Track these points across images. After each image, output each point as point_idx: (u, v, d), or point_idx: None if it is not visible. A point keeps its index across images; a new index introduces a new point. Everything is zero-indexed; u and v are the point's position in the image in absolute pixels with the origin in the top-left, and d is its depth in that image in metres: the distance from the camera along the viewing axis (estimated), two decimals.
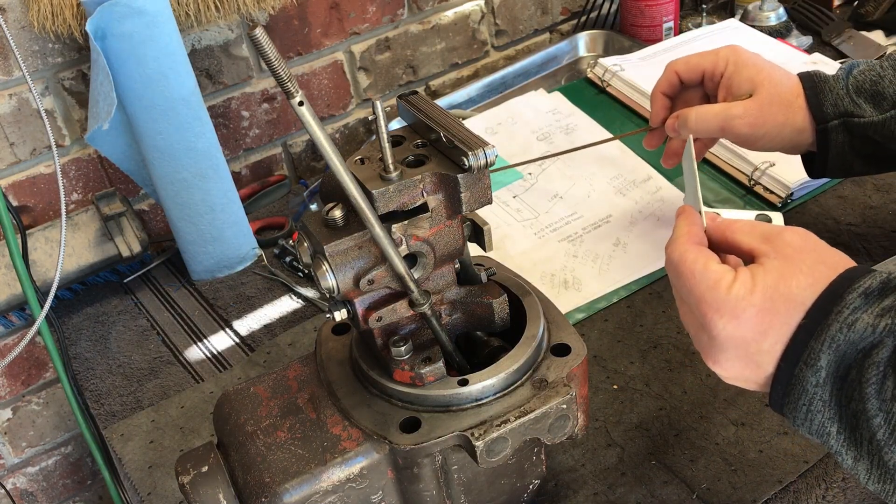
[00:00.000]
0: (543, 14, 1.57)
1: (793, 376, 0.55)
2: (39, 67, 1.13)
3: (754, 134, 0.89)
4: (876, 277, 0.55)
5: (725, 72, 0.92)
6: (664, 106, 0.99)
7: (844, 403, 0.54)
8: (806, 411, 0.56)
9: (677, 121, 0.93)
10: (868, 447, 0.53)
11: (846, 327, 0.53)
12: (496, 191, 1.18)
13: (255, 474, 0.64)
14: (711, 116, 0.90)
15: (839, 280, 0.55)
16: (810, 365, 0.54)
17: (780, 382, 0.57)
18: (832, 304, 0.54)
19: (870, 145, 0.87)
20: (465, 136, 0.63)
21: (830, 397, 0.54)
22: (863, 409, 0.53)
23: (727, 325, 0.57)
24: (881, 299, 0.54)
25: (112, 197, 1.14)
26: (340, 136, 1.44)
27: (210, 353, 1.06)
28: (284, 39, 1.30)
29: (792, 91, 0.89)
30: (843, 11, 1.50)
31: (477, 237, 0.70)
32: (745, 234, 0.61)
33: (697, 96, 0.97)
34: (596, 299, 1.01)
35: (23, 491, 1.37)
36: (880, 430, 0.52)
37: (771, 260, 0.57)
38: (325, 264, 0.62)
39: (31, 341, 1.25)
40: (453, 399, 0.65)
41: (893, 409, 0.51)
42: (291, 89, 0.55)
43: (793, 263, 0.56)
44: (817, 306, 0.55)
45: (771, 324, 0.56)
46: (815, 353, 0.54)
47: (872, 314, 0.53)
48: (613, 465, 0.83)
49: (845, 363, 0.53)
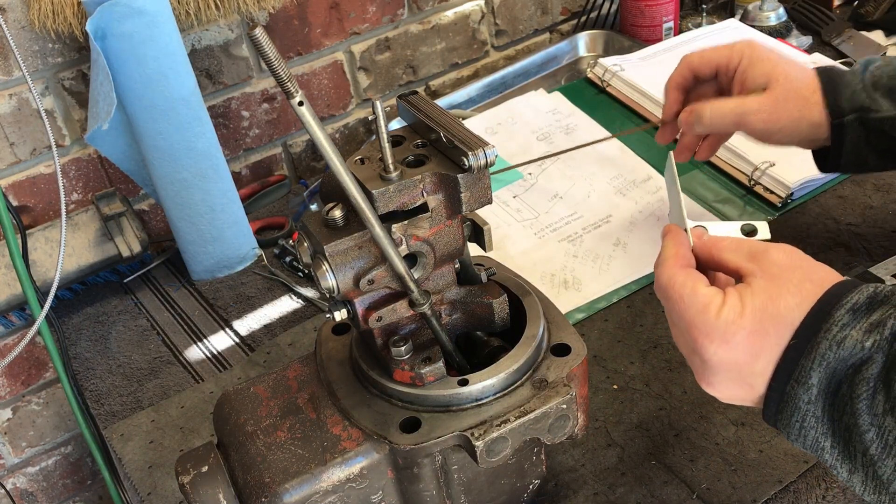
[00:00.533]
0: (543, 14, 1.57)
1: (784, 394, 0.56)
2: (39, 67, 1.13)
3: (769, 129, 0.88)
4: (863, 292, 0.54)
5: (740, 66, 0.90)
6: (677, 100, 0.97)
7: (837, 418, 0.54)
8: (799, 427, 0.56)
9: (691, 115, 0.92)
10: (862, 460, 0.53)
11: (835, 345, 0.53)
12: (496, 191, 1.18)
13: (255, 474, 0.64)
14: (727, 111, 0.89)
15: (826, 297, 0.55)
16: (801, 383, 0.54)
17: (772, 400, 0.57)
18: (821, 321, 0.54)
19: (885, 140, 0.87)
20: (465, 136, 0.63)
21: (823, 413, 0.55)
22: (855, 423, 0.53)
23: (718, 349, 0.57)
24: (869, 314, 0.53)
25: (112, 197, 1.14)
26: (340, 136, 1.43)
27: (210, 353, 1.06)
28: (284, 39, 1.30)
29: (808, 86, 0.88)
30: (843, 11, 1.50)
31: (477, 237, 0.70)
32: (731, 253, 0.61)
33: (711, 90, 0.96)
34: (596, 299, 1.01)
35: (23, 491, 1.37)
36: (873, 444, 0.52)
37: (758, 280, 0.57)
38: (325, 264, 0.62)
39: (31, 341, 1.25)
40: (453, 399, 0.65)
41: (885, 423, 0.51)
42: (291, 89, 0.55)
43: (780, 283, 0.56)
44: (806, 325, 0.55)
45: (762, 346, 0.56)
46: (806, 372, 0.54)
47: (861, 330, 0.53)
48: (613, 465, 0.83)
49: (836, 379, 0.54)
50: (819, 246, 1.04)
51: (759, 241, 0.61)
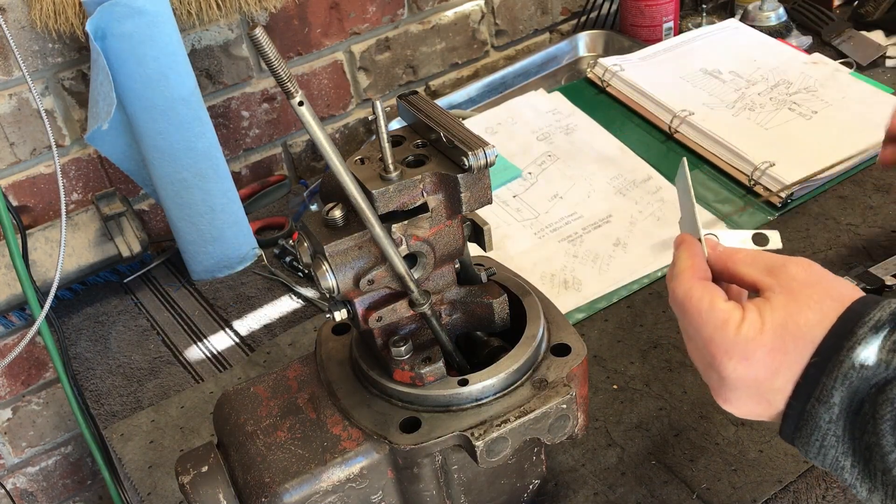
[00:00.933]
0: (543, 14, 1.57)
1: (805, 412, 0.54)
2: (39, 67, 1.13)
3: None
4: (885, 309, 0.53)
5: None
6: None
7: (858, 436, 0.53)
8: (819, 446, 0.55)
9: None
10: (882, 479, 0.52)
11: (859, 364, 0.52)
12: (496, 190, 1.18)
13: (255, 474, 0.64)
14: None
15: (848, 313, 0.54)
16: (823, 402, 0.53)
17: (791, 418, 0.56)
18: (843, 339, 0.53)
19: None
20: (465, 136, 0.63)
21: (844, 432, 0.53)
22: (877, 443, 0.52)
23: (737, 366, 0.56)
24: (892, 331, 0.52)
25: (112, 197, 1.14)
26: (340, 136, 1.43)
27: (210, 353, 1.06)
28: (284, 39, 1.30)
29: None
30: (843, 11, 1.50)
31: (477, 237, 0.70)
32: (748, 266, 0.60)
33: None
34: (596, 299, 1.01)
35: (23, 491, 1.37)
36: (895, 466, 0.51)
37: (777, 295, 0.56)
38: (325, 264, 0.62)
39: (31, 341, 1.25)
40: (453, 399, 0.65)
41: None
42: (291, 89, 0.55)
43: (799, 298, 0.55)
44: (827, 342, 0.53)
45: (782, 363, 0.55)
46: (828, 391, 0.53)
47: (885, 349, 0.52)
48: (613, 465, 0.83)
49: (858, 398, 0.52)
50: (819, 246, 1.04)
51: (776, 255, 0.59)
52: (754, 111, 1.24)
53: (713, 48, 1.40)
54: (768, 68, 1.33)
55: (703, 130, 1.21)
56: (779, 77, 1.31)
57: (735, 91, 1.29)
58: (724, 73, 1.34)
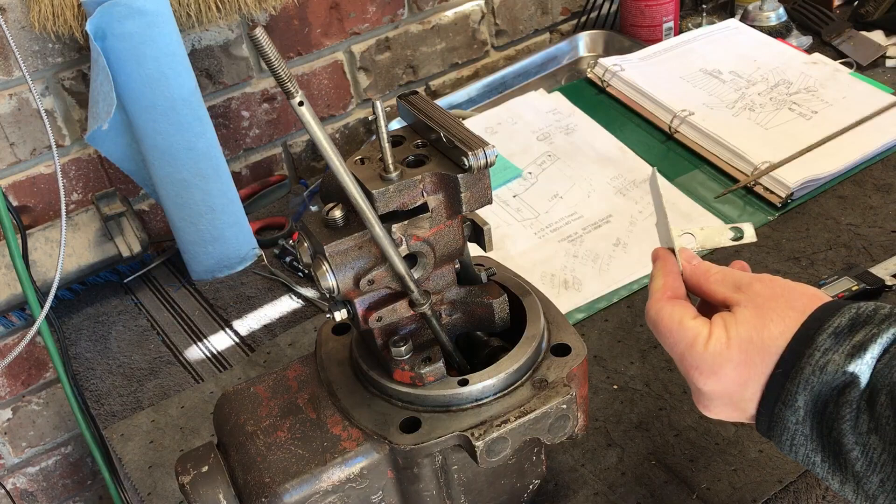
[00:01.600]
0: (543, 14, 1.57)
1: (773, 415, 0.58)
2: (39, 67, 1.13)
3: None
4: (845, 315, 0.56)
5: None
6: None
7: (825, 434, 0.56)
8: (790, 444, 0.58)
9: None
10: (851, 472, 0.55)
11: (818, 370, 0.55)
12: (496, 190, 1.18)
13: (255, 474, 0.64)
14: None
15: (809, 322, 0.57)
16: (788, 406, 0.57)
17: (762, 420, 0.59)
18: (804, 346, 0.56)
19: None
20: (465, 136, 0.63)
21: (811, 431, 0.56)
22: (840, 442, 0.55)
23: (708, 381, 0.59)
24: (851, 335, 0.55)
25: (112, 197, 1.14)
26: (340, 136, 1.43)
27: (210, 353, 1.06)
28: (284, 39, 1.30)
29: None
30: (843, 11, 1.50)
31: (477, 237, 0.70)
32: (718, 285, 0.63)
33: None
34: (596, 299, 1.01)
35: (23, 491, 1.37)
36: (858, 462, 0.54)
37: (743, 309, 0.60)
38: (325, 264, 0.62)
39: (31, 341, 1.25)
40: (453, 399, 0.65)
41: (869, 442, 0.53)
42: (291, 89, 0.55)
43: (763, 312, 0.58)
44: (790, 351, 0.56)
45: (749, 375, 0.58)
46: (792, 395, 0.56)
47: (843, 354, 0.54)
48: (613, 465, 0.83)
49: (822, 399, 0.55)
50: (819, 246, 1.04)
51: (744, 273, 0.63)
52: (754, 111, 1.25)
53: (713, 48, 1.40)
54: (768, 68, 1.33)
55: (703, 130, 1.21)
56: (779, 77, 1.31)
57: (735, 91, 1.29)
58: (724, 73, 1.34)
